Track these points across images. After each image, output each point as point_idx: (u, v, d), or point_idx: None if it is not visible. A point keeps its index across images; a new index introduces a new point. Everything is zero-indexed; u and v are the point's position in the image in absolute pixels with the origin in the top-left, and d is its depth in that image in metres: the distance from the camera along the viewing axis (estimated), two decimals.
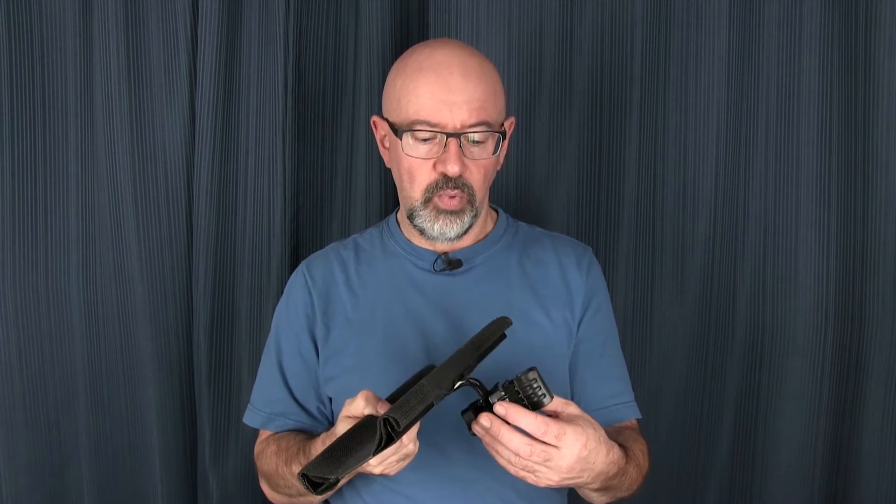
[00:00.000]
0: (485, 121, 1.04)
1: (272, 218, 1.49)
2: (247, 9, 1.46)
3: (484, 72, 1.05)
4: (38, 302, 1.50)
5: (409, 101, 1.05)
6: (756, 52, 1.43)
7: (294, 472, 1.04)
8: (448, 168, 1.03)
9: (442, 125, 1.03)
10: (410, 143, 1.05)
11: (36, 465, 1.52)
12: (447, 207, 1.07)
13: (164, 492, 1.53)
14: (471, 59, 1.05)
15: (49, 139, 1.49)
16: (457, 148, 1.03)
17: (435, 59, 1.05)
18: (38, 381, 1.51)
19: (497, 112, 1.07)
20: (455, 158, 1.03)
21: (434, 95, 1.03)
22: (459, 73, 1.03)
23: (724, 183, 1.46)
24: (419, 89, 1.04)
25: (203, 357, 1.49)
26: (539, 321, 1.12)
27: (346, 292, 1.15)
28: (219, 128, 1.45)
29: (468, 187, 1.06)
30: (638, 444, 1.09)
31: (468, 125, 1.03)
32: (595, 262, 1.19)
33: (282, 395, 1.16)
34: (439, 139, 1.04)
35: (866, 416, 1.46)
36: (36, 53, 1.47)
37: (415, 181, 1.07)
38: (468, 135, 1.03)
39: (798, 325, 1.44)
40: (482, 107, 1.03)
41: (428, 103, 1.03)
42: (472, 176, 1.06)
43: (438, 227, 1.08)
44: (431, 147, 1.05)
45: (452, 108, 1.02)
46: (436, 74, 1.03)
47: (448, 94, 1.02)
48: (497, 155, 1.09)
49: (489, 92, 1.05)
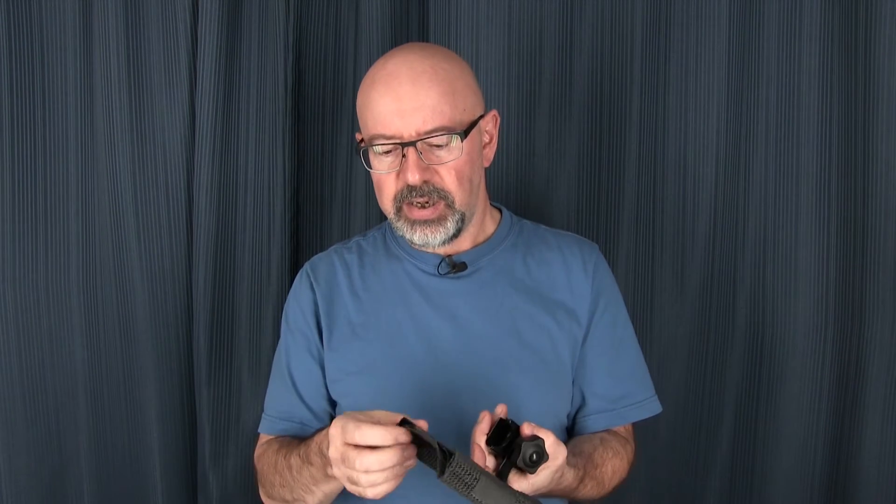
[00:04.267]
0: (441, 125, 1.02)
1: (272, 218, 1.49)
2: (247, 9, 1.46)
3: (436, 74, 1.02)
4: (38, 302, 1.50)
5: (365, 117, 1.05)
6: (756, 52, 1.43)
7: (292, 465, 1.03)
8: (408, 178, 1.02)
9: (398, 136, 1.02)
10: (374, 157, 1.05)
11: (36, 465, 1.52)
12: (419, 218, 1.05)
13: (164, 492, 1.53)
14: (422, 64, 1.03)
15: (49, 139, 1.49)
16: (414, 156, 1.02)
17: (386, 69, 1.03)
18: (38, 381, 1.51)
19: (458, 112, 1.03)
20: (413, 167, 1.01)
21: (384, 107, 1.02)
22: (408, 81, 1.01)
23: (724, 183, 1.46)
24: (371, 104, 1.03)
25: (203, 357, 1.49)
26: (545, 324, 1.11)
27: (350, 295, 1.14)
28: (219, 128, 1.45)
29: (440, 192, 1.04)
30: (612, 458, 1.09)
31: (423, 132, 1.01)
32: (602, 261, 1.17)
33: (293, 401, 1.14)
34: (397, 150, 1.03)
35: (866, 416, 1.46)
36: (36, 53, 1.47)
37: (382, 193, 1.07)
38: (427, 141, 1.02)
39: (798, 324, 1.44)
40: (436, 111, 1.01)
41: (380, 117, 1.02)
42: (444, 180, 1.04)
43: (419, 237, 1.06)
44: (393, 160, 1.04)
45: (404, 116, 1.01)
46: (385, 86, 1.02)
47: (397, 103, 1.01)
48: (467, 153, 1.05)
49: (444, 93, 1.02)
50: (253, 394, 1.52)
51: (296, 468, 1.04)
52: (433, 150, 1.03)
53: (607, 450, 1.10)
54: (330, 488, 1.01)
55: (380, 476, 0.87)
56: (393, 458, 0.86)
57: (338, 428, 0.88)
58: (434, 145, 1.03)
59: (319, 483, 1.00)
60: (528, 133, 1.47)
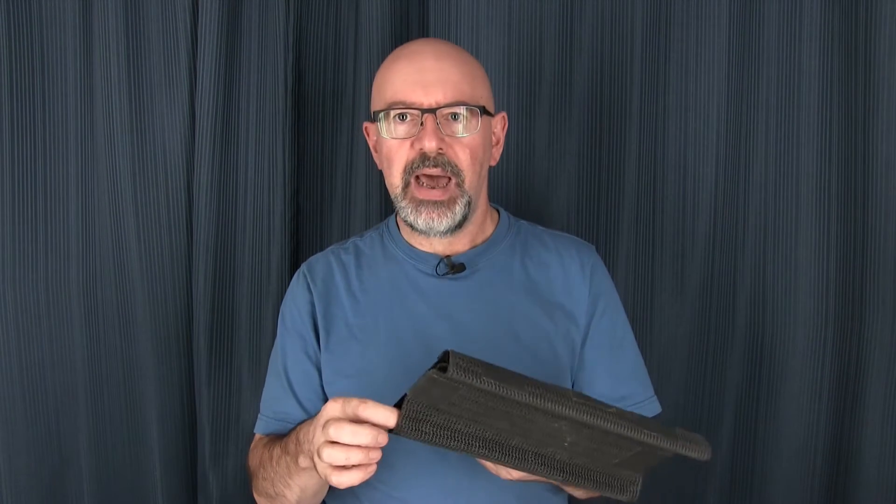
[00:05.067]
0: (461, 100, 1.04)
1: (272, 218, 1.49)
2: (247, 9, 1.46)
3: (460, 57, 1.07)
4: (38, 302, 1.50)
5: (385, 88, 1.07)
6: (756, 52, 1.43)
7: (273, 455, 1.03)
8: (425, 143, 1.02)
9: (417, 104, 1.03)
10: (388, 126, 1.06)
11: (36, 465, 1.52)
12: (427, 198, 1.05)
13: (164, 492, 1.53)
14: (446, 47, 1.08)
15: (49, 139, 1.49)
16: (433, 124, 1.03)
17: (410, 48, 1.08)
18: (38, 381, 1.51)
19: (476, 93, 1.07)
20: (431, 134, 1.02)
21: (407, 77, 1.04)
22: (432, 57, 1.05)
23: (724, 183, 1.46)
24: (393, 76, 1.06)
25: (203, 357, 1.49)
26: (544, 326, 1.11)
27: (347, 297, 1.14)
28: (219, 128, 1.45)
29: (453, 167, 1.04)
30: None
31: (443, 103, 1.03)
32: (599, 263, 1.17)
33: (289, 402, 1.13)
34: (415, 118, 1.04)
35: (866, 416, 1.46)
36: (36, 53, 1.47)
37: (393, 163, 1.06)
38: (446, 112, 1.04)
39: (798, 324, 1.44)
40: (457, 86, 1.04)
41: (402, 86, 1.04)
42: (458, 156, 1.04)
43: (423, 221, 1.06)
44: (409, 127, 1.05)
45: (427, 87, 1.03)
46: (408, 60, 1.06)
47: (421, 74, 1.04)
48: (481, 135, 1.06)
49: (465, 74, 1.06)
50: (253, 394, 1.52)
51: (276, 458, 1.03)
52: (450, 124, 1.05)
53: None
54: (303, 482, 1.00)
55: (340, 453, 0.84)
56: (367, 436, 0.83)
57: (339, 402, 0.86)
58: (452, 118, 1.04)
59: (293, 474, 1.00)
60: (528, 133, 1.47)
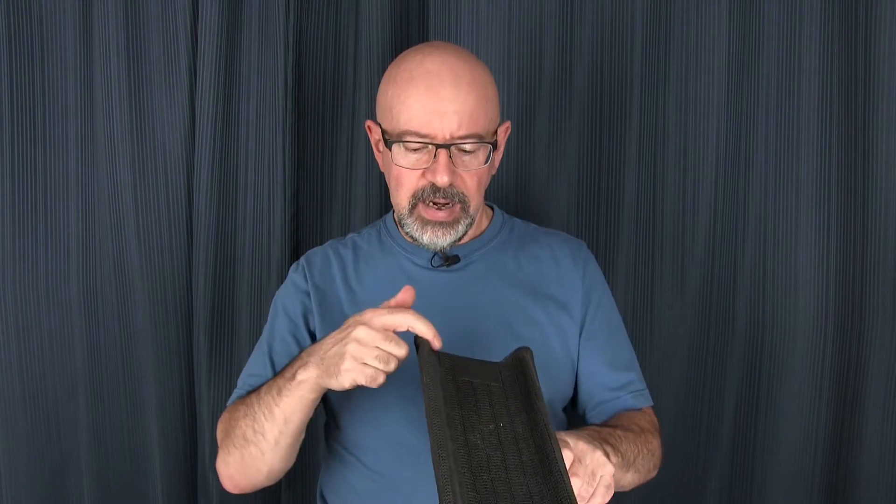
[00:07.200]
0: (475, 133, 1.04)
1: (272, 218, 1.49)
2: (247, 9, 1.46)
3: (475, 78, 1.04)
4: (38, 302, 1.50)
5: (399, 111, 1.04)
6: (756, 52, 1.43)
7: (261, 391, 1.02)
8: (437, 178, 1.03)
9: (431, 136, 1.02)
10: (400, 152, 1.06)
11: (36, 465, 1.52)
12: (433, 219, 1.07)
13: (164, 492, 1.53)
14: (461, 67, 1.04)
15: (49, 139, 1.49)
16: (446, 159, 1.03)
17: (425, 67, 1.04)
18: (38, 380, 1.52)
19: (488, 120, 1.06)
20: (444, 169, 1.03)
21: (424, 105, 1.02)
22: (450, 83, 1.02)
23: (724, 183, 1.46)
24: (409, 100, 1.03)
25: (203, 357, 1.49)
26: (537, 318, 1.12)
27: (344, 289, 1.15)
28: (219, 128, 1.45)
29: (460, 196, 1.06)
30: (642, 433, 1.06)
31: (458, 136, 1.03)
32: (590, 257, 1.19)
33: (268, 377, 1.11)
34: (429, 149, 1.04)
35: (866, 416, 1.46)
36: (36, 53, 1.47)
37: (402, 188, 1.07)
38: (459, 146, 1.03)
39: (798, 324, 1.44)
40: (472, 117, 1.03)
41: (418, 114, 1.02)
42: (465, 185, 1.06)
43: (428, 237, 1.08)
44: (421, 156, 1.05)
45: (442, 118, 1.02)
46: (426, 84, 1.03)
47: (438, 103, 1.02)
48: (491, 163, 1.09)
49: (481, 99, 1.04)
50: None
51: (263, 391, 1.02)
52: (461, 156, 1.05)
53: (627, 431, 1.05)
54: (290, 406, 0.98)
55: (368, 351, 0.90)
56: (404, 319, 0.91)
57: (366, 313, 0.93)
58: (463, 151, 1.04)
59: (283, 395, 0.98)
60: (527, 133, 1.48)
